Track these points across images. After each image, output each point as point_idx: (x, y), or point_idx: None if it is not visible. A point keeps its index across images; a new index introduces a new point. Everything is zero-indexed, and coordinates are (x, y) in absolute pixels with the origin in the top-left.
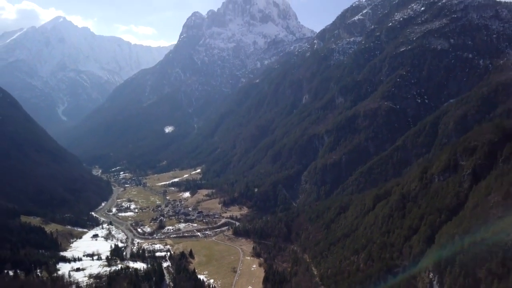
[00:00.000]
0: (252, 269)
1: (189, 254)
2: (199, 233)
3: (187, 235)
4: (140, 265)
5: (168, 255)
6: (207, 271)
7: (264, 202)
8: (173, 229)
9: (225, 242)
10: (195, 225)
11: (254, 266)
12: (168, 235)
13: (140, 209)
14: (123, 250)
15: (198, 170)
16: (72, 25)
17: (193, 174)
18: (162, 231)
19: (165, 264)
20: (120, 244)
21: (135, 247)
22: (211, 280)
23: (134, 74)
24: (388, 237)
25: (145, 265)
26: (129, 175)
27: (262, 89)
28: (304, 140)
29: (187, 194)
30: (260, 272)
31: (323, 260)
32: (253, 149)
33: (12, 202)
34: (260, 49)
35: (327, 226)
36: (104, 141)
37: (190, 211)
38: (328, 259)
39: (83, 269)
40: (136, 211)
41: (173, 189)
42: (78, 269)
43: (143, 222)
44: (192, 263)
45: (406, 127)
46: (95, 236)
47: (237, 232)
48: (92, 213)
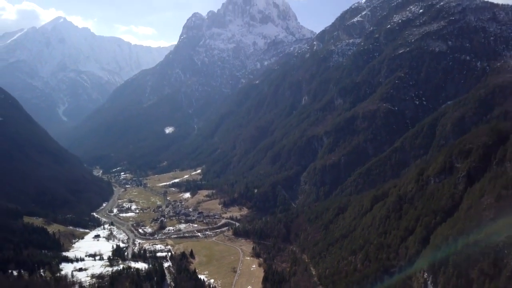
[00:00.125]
0: (251, 269)
1: (189, 254)
2: (199, 234)
3: (187, 235)
4: (141, 265)
5: (169, 255)
6: (207, 271)
7: (263, 202)
8: (174, 229)
9: (225, 242)
10: (196, 225)
11: (254, 266)
12: (169, 235)
13: (141, 209)
14: (124, 250)
15: (198, 171)
16: (73, 25)
17: (193, 174)
18: (163, 232)
19: (166, 264)
20: (121, 244)
21: (136, 248)
22: (212, 280)
23: (135, 74)
24: (385, 238)
25: (146, 265)
26: (129, 176)
27: (261, 90)
28: (303, 141)
29: (188, 195)
30: (260, 272)
31: (322, 260)
32: (253, 150)
33: (14, 202)
34: (260, 49)
35: (325, 227)
36: (104, 141)
37: (191, 211)
38: (326, 259)
39: (86, 269)
40: (137, 211)
41: (174, 189)
42: (80, 269)
43: (144, 222)
44: (192, 263)
45: (405, 129)
46: (97, 236)
47: (237, 233)
48: (94, 214)
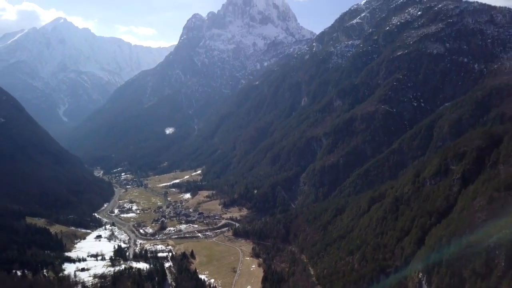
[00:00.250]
0: (251, 269)
1: (190, 254)
2: (200, 234)
3: (188, 236)
4: (143, 265)
5: (170, 255)
6: (207, 271)
7: (263, 203)
8: (175, 230)
9: (225, 243)
10: (196, 226)
11: (254, 266)
12: (169, 236)
13: (142, 210)
14: (126, 250)
15: (199, 172)
16: (73, 26)
17: (194, 175)
18: (164, 232)
19: (167, 264)
20: (123, 244)
21: (137, 248)
22: (212, 280)
23: (135, 75)
24: (382, 238)
25: (147, 265)
26: (130, 176)
27: (261, 91)
28: (303, 142)
29: (188, 195)
30: (259, 272)
31: (320, 260)
32: (253, 151)
33: (17, 203)
34: (260, 50)
35: (324, 227)
36: (105, 142)
37: (191, 212)
38: (324, 259)
39: (88, 269)
40: (138, 212)
41: (174, 190)
42: (83, 269)
43: (145, 223)
44: (193, 263)
45: (403, 130)
46: (99, 237)
47: (237, 233)
48: (95, 214)
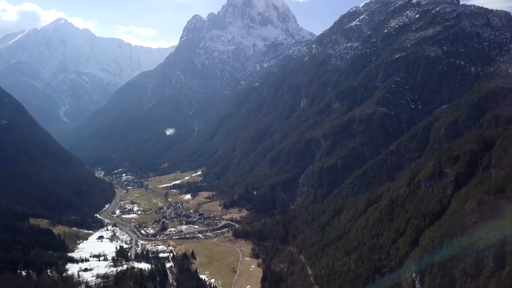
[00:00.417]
0: (251, 269)
1: (191, 255)
2: (200, 235)
3: (188, 236)
4: (144, 266)
5: (171, 256)
6: (208, 271)
7: (263, 204)
8: (175, 230)
9: (225, 243)
10: (196, 227)
11: (253, 266)
12: (170, 236)
13: (143, 211)
14: (127, 251)
15: (199, 172)
16: (73, 26)
17: (194, 176)
18: (165, 233)
19: (168, 265)
20: (124, 245)
21: (139, 248)
22: (212, 280)
23: (135, 76)
24: (377, 239)
25: (149, 266)
26: (131, 177)
27: (261, 93)
28: (302, 144)
29: (188, 196)
30: (259, 272)
31: (318, 261)
32: (253, 152)
33: (20, 205)
34: (260, 51)
35: (322, 228)
36: (106, 143)
37: (192, 213)
38: (322, 260)
39: (91, 269)
40: (139, 213)
41: (175, 191)
42: (86, 269)
43: (146, 224)
44: (194, 263)
45: (400, 132)
46: (101, 237)
47: (237, 234)
48: (97, 215)
